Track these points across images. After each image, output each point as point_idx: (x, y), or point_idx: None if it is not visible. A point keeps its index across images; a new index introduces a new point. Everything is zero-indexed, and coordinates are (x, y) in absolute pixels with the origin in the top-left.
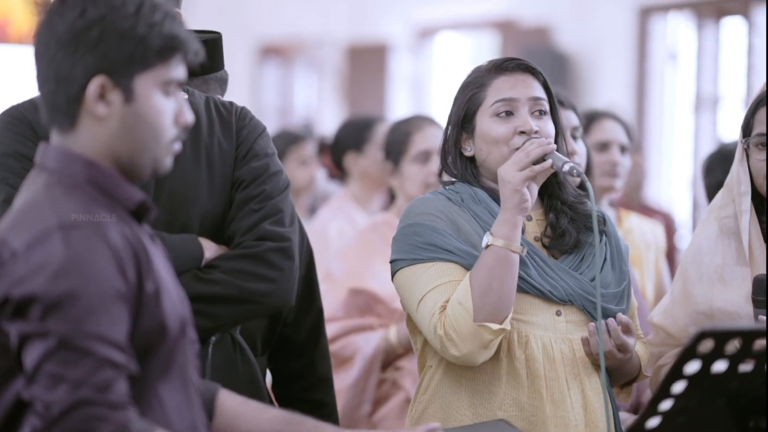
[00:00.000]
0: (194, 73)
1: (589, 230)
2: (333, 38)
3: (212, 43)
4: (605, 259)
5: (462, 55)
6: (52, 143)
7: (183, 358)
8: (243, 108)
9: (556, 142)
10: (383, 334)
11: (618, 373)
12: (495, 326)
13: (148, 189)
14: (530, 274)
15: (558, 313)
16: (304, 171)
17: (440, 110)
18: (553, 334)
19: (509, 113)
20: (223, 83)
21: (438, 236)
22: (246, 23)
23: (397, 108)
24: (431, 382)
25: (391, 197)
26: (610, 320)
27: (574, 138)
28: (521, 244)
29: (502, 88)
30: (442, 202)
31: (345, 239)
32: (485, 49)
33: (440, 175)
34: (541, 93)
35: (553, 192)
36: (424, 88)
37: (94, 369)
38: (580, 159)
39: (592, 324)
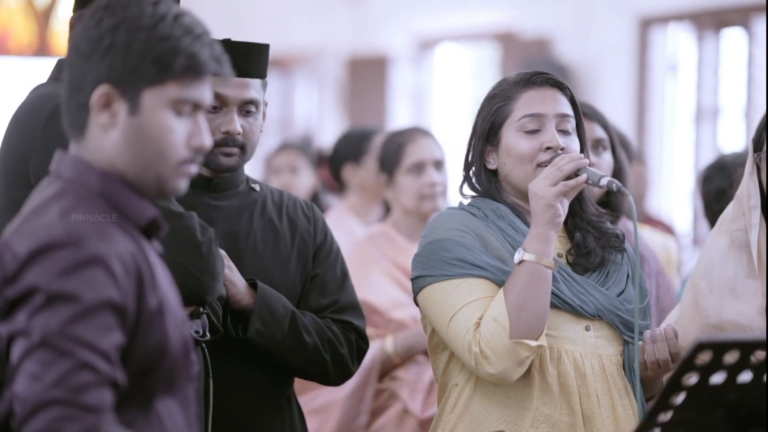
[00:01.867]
0: (248, 73)
1: (612, 249)
2: (334, 50)
3: (263, 49)
4: (628, 276)
5: (462, 66)
6: (68, 152)
7: (185, 380)
8: None
9: None
10: (380, 345)
11: (649, 387)
12: (533, 343)
13: None
14: (561, 289)
15: (587, 329)
16: (293, 179)
17: (441, 121)
18: (584, 349)
19: (536, 129)
20: (264, 89)
21: (467, 252)
22: (246, 35)
23: (398, 119)
24: (459, 399)
25: (387, 209)
26: (668, 327)
27: (597, 149)
28: (554, 260)
29: (530, 102)
30: (467, 218)
31: (343, 250)
32: (486, 61)
33: (461, 188)
34: (568, 109)
35: (575, 210)
36: (425, 100)
37: (72, 371)
38: (605, 171)
39: (648, 332)
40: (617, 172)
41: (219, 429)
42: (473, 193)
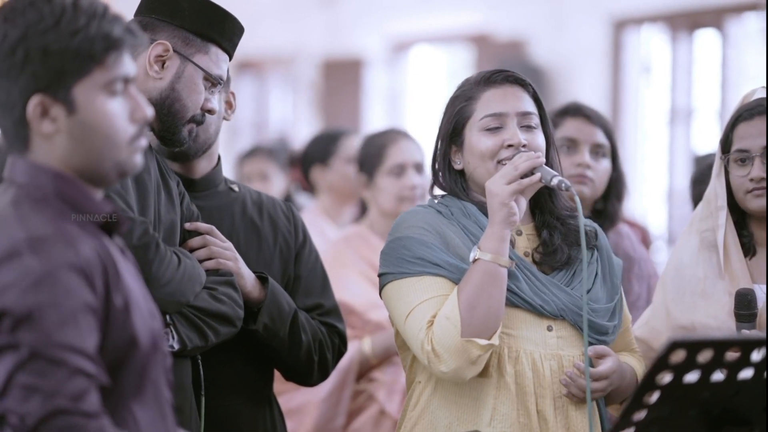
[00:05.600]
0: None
1: (579, 246)
2: (308, 53)
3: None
4: (596, 275)
5: (437, 68)
6: (20, 157)
7: (156, 372)
8: None
9: (547, 154)
10: (357, 346)
11: (615, 393)
12: (483, 342)
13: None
14: (521, 288)
15: (549, 329)
16: (264, 186)
17: (415, 123)
18: (543, 350)
19: (498, 127)
20: (226, 83)
21: (426, 250)
22: None
23: (373, 122)
24: (420, 397)
25: (363, 210)
26: (569, 371)
27: (597, 155)
28: (510, 258)
29: (491, 101)
30: (431, 215)
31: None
32: (460, 63)
33: (431, 188)
34: (530, 106)
35: (544, 207)
36: (400, 102)
37: (67, 378)
38: (597, 175)
39: (570, 370)
40: (615, 181)
41: (205, 425)
42: (443, 193)
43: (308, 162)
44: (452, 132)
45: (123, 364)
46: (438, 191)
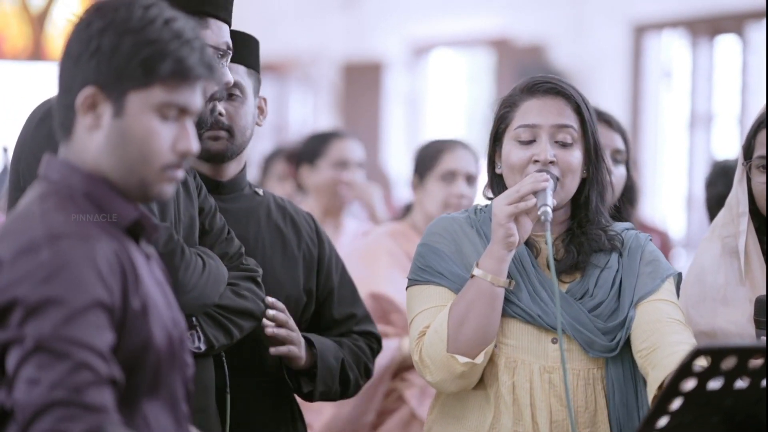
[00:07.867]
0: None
1: (599, 252)
2: (328, 55)
3: (248, 38)
4: (612, 287)
5: (457, 72)
6: (56, 156)
7: (173, 379)
8: None
9: (587, 168)
10: (398, 344)
11: None
12: (463, 359)
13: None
14: (521, 298)
15: (554, 341)
16: (280, 188)
17: (435, 127)
18: (544, 362)
19: (530, 140)
20: (257, 84)
21: (437, 259)
22: None
23: (392, 125)
24: (437, 402)
25: (406, 210)
26: None
27: (616, 161)
28: (509, 278)
29: (528, 112)
30: (456, 223)
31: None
32: (480, 67)
33: (485, 189)
34: (569, 120)
35: (575, 215)
36: (419, 105)
37: (70, 372)
38: (615, 181)
39: None
40: (628, 188)
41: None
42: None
43: (299, 160)
44: (495, 136)
45: (138, 367)
46: (488, 192)
